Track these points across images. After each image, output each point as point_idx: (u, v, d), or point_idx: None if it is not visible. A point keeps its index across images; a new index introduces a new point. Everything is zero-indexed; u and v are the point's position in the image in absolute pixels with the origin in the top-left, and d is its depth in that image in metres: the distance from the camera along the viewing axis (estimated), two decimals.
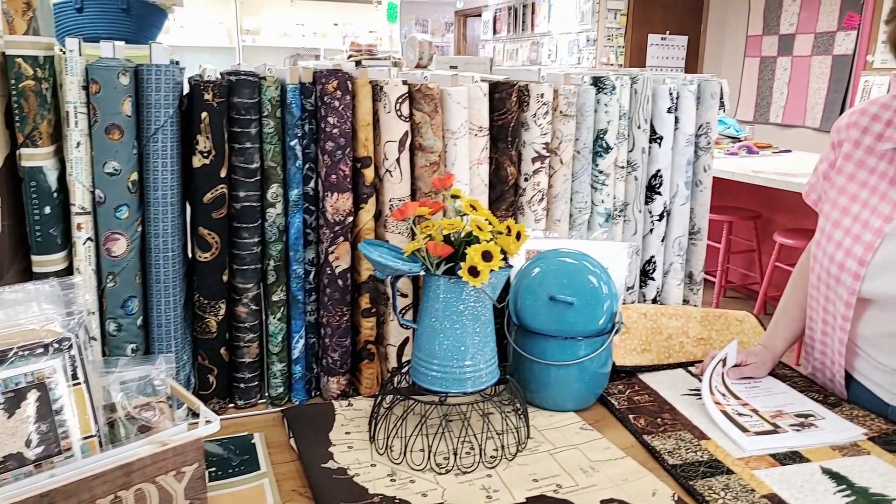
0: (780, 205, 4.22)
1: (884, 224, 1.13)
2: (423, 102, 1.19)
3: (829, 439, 1.11)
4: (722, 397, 1.25)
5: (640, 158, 1.44)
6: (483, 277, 1.02)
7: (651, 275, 1.52)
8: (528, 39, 7.96)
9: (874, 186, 1.17)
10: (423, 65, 2.57)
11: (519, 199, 1.36)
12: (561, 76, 1.33)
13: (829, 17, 6.17)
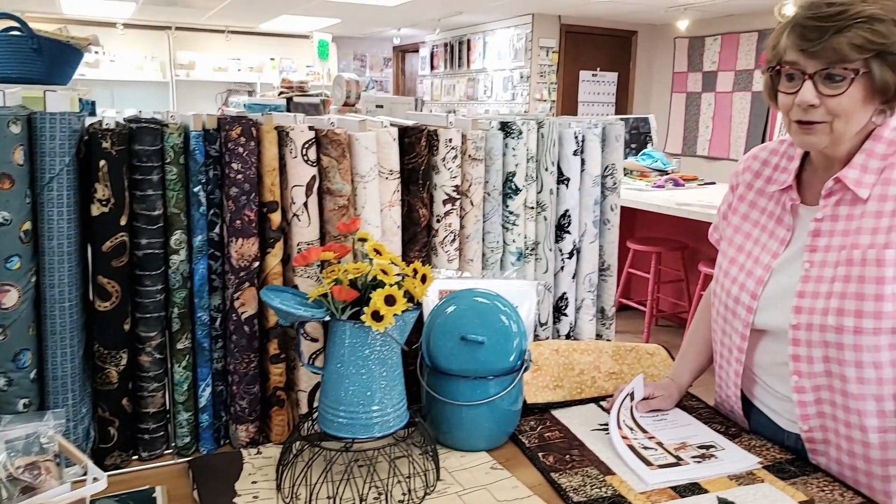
0: (704, 236, 4.36)
1: (772, 260, 1.21)
2: (331, 147, 1.20)
3: (726, 469, 1.15)
4: (630, 431, 1.28)
5: (549, 199, 1.49)
6: (387, 322, 1.03)
7: (564, 311, 1.56)
8: (465, 75, 8.11)
9: (764, 225, 1.25)
10: (350, 103, 2.59)
11: (432, 240, 1.38)
12: (469, 121, 1.37)
13: (747, 56, 6.51)
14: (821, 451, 1.20)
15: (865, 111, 1.06)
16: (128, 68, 7.20)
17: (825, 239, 1.13)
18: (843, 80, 1.02)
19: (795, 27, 1.05)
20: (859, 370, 1.08)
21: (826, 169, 1.16)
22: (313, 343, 1.25)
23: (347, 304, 1.07)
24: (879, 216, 1.07)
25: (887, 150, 1.09)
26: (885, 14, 1.01)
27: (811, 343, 1.13)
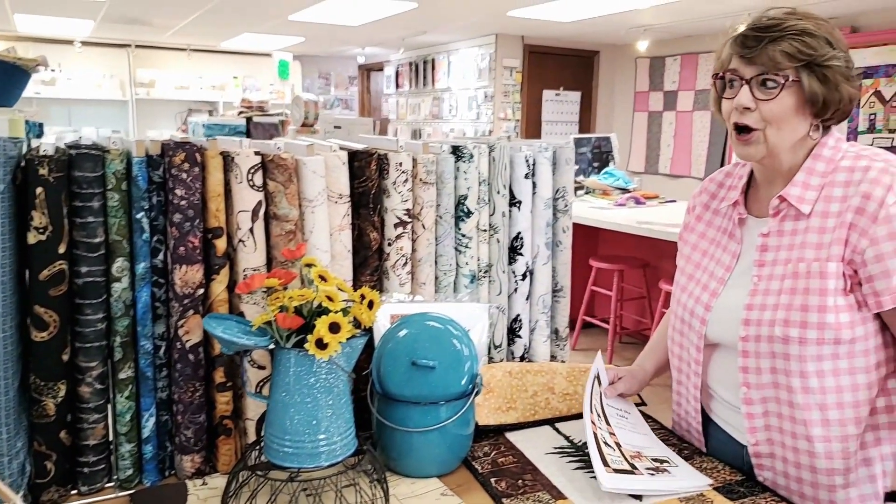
0: (665, 253, 4.43)
1: (725, 273, 1.25)
2: (277, 172, 1.19)
3: (679, 486, 1.16)
4: (597, 418, 1.28)
5: (501, 222, 1.49)
6: (331, 350, 1.01)
7: (518, 333, 1.56)
8: (430, 94, 8.15)
9: (717, 241, 1.31)
10: (308, 123, 2.58)
11: (383, 264, 1.37)
12: (420, 145, 1.37)
13: (706, 76, 6.65)
14: (767, 466, 1.22)
15: (798, 121, 1.13)
16: (86, 86, 7.08)
17: (772, 253, 1.18)
18: (776, 87, 1.10)
19: (738, 37, 1.14)
20: (804, 380, 1.12)
21: (770, 183, 1.22)
22: (261, 371, 1.23)
23: (292, 331, 1.05)
24: (822, 232, 1.12)
25: (826, 167, 1.14)
26: (817, 31, 1.10)
27: (759, 354, 1.17)
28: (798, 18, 1.11)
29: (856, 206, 1.09)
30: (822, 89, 1.10)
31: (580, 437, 1.38)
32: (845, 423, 1.13)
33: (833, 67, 1.10)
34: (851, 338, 1.10)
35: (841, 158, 1.14)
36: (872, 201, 1.07)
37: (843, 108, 1.14)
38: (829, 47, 1.10)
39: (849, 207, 1.09)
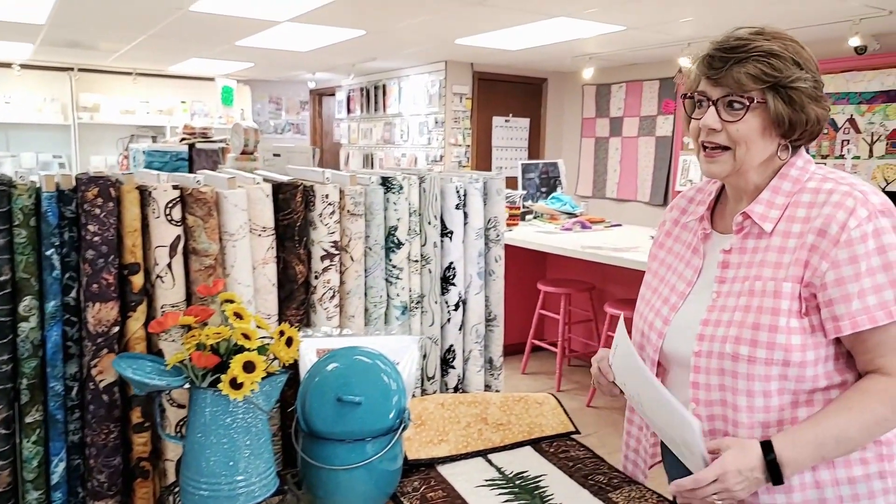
0: (610, 277, 4.49)
1: (687, 287, 1.24)
2: (196, 206, 1.17)
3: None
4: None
5: (433, 252, 1.49)
6: (246, 389, 0.99)
7: (451, 363, 1.55)
8: (381, 119, 8.16)
9: (682, 255, 1.30)
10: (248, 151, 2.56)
11: (310, 298, 1.35)
12: (347, 177, 1.36)
13: (651, 103, 6.82)
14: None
15: (764, 142, 1.12)
16: (26, 110, 6.89)
17: (732, 270, 1.17)
18: (742, 108, 1.10)
19: (705, 58, 1.14)
20: (750, 399, 1.11)
21: (737, 201, 1.22)
22: (181, 410, 1.19)
23: (208, 370, 1.03)
24: (783, 251, 1.11)
25: (792, 187, 1.14)
26: (783, 52, 1.10)
27: (710, 371, 1.15)
28: (765, 39, 1.10)
29: (818, 227, 1.08)
30: (788, 111, 1.10)
31: (512, 468, 1.37)
32: None
33: (799, 89, 1.10)
34: (801, 360, 1.08)
35: (807, 180, 1.14)
36: (835, 224, 1.06)
37: (810, 129, 1.13)
38: (796, 68, 1.10)
39: (811, 229, 1.09)
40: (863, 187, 1.09)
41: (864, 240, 1.05)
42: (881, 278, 1.04)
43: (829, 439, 1.06)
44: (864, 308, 1.04)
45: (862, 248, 1.05)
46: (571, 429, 1.56)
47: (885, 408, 1.06)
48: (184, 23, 4.99)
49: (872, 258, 1.05)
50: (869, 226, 1.05)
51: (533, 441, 1.49)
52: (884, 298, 1.04)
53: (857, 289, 1.04)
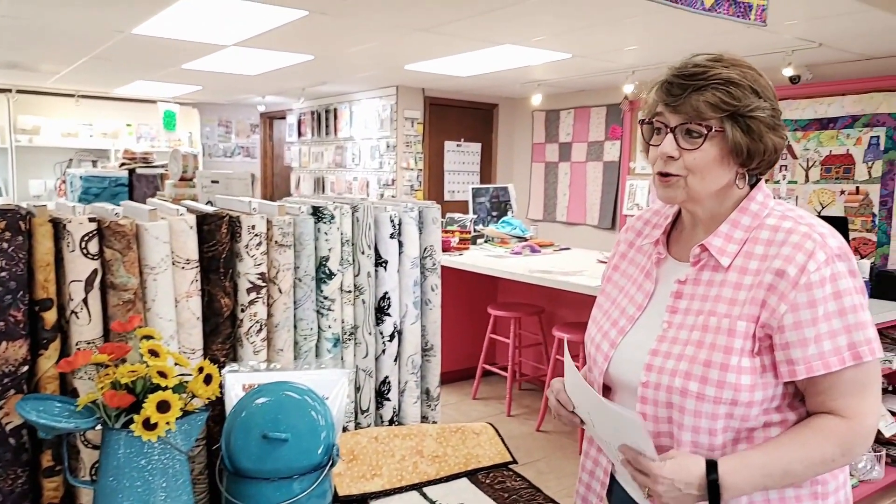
0: (559, 300, 4.53)
1: (636, 311, 1.22)
2: (114, 239, 1.13)
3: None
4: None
5: (367, 282, 1.47)
6: (160, 430, 0.95)
7: (387, 395, 1.53)
8: (333, 143, 8.13)
9: (635, 278, 1.28)
10: (187, 177, 2.51)
11: (237, 331, 1.32)
12: (276, 207, 1.34)
13: (598, 129, 6.95)
14: None
15: (721, 170, 1.11)
16: None
17: (686, 301, 1.16)
18: (700, 137, 1.09)
19: (664, 84, 1.13)
20: (695, 435, 1.10)
21: (692, 228, 1.21)
22: (96, 451, 1.14)
23: (122, 410, 0.99)
24: (738, 288, 1.10)
25: (752, 222, 1.13)
26: (742, 80, 1.09)
27: (657, 403, 1.13)
28: (724, 66, 1.10)
29: (776, 268, 1.06)
30: (746, 140, 1.09)
31: (447, 500, 1.35)
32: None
33: (757, 118, 1.09)
34: (749, 401, 1.07)
35: (767, 215, 1.13)
36: (794, 266, 1.05)
37: (768, 158, 1.13)
38: (755, 97, 1.09)
39: (769, 268, 1.07)
40: (821, 229, 1.09)
41: (822, 284, 1.04)
42: (836, 324, 1.04)
43: (777, 470, 1.06)
44: (819, 353, 1.04)
45: (820, 292, 1.04)
46: (509, 458, 1.55)
47: (835, 449, 1.07)
48: (127, 45, 4.90)
49: (829, 303, 1.05)
50: (827, 270, 1.05)
51: (469, 473, 1.48)
52: (837, 344, 1.04)
53: (813, 333, 1.04)
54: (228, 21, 4.11)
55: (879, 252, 4.85)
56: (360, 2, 3.63)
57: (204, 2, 3.61)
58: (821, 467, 1.08)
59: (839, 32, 4.10)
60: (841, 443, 1.06)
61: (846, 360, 1.04)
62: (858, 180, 4.97)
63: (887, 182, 4.82)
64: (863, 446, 1.08)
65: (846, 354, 1.04)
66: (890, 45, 4.41)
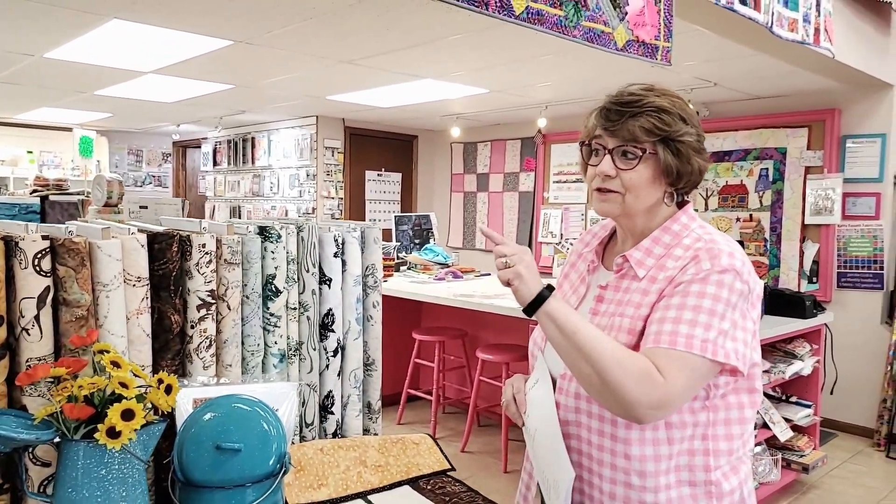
0: (482, 323, 4.65)
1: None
2: (68, 257, 1.15)
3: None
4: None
5: (312, 299, 1.53)
6: (124, 438, 0.98)
7: (330, 409, 1.58)
8: (250, 172, 8.06)
9: (573, 283, 1.41)
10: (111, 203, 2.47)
11: (186, 347, 1.34)
12: (224, 227, 1.38)
13: (514, 161, 7.22)
14: (586, 494, 1.26)
15: (654, 189, 1.24)
16: None
17: (605, 305, 1.28)
18: (635, 158, 1.21)
19: (602, 110, 1.25)
20: (601, 423, 1.22)
21: (623, 241, 1.33)
22: (45, 468, 1.14)
23: (81, 422, 1.00)
24: (645, 293, 1.21)
25: (672, 241, 1.25)
26: (672, 108, 1.22)
27: (569, 393, 1.25)
28: (656, 95, 1.22)
29: (682, 267, 1.18)
30: (676, 162, 1.21)
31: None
32: (629, 473, 1.19)
33: (685, 142, 1.21)
34: None
35: (685, 236, 1.24)
36: (696, 267, 1.17)
37: (693, 179, 1.25)
38: (683, 123, 1.21)
39: (676, 269, 1.19)
40: (722, 247, 1.19)
41: (701, 282, 1.16)
42: (689, 315, 1.14)
43: (589, 332, 1.13)
44: (671, 332, 1.13)
45: (696, 287, 1.16)
46: (447, 466, 1.62)
47: (636, 371, 1.11)
48: (37, 70, 4.75)
49: (694, 298, 1.15)
50: (714, 276, 1.16)
51: (411, 480, 1.54)
52: (684, 332, 1.13)
53: (674, 315, 1.15)
54: (149, 48, 4.08)
55: (771, 274, 5.24)
56: (286, 33, 3.69)
57: (127, 28, 3.58)
58: (616, 370, 1.10)
59: (731, 74, 4.48)
60: (642, 374, 1.10)
61: (678, 343, 1.12)
62: (751, 208, 5.38)
63: (776, 210, 5.24)
64: (652, 396, 1.11)
65: (682, 340, 1.12)
66: (774, 87, 4.85)
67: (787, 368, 3.53)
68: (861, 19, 4.08)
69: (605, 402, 1.16)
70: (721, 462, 1.23)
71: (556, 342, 1.17)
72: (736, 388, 1.24)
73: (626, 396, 1.10)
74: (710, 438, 1.22)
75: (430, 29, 3.54)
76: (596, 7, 2.11)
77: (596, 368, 1.12)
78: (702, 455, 1.22)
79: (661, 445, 1.20)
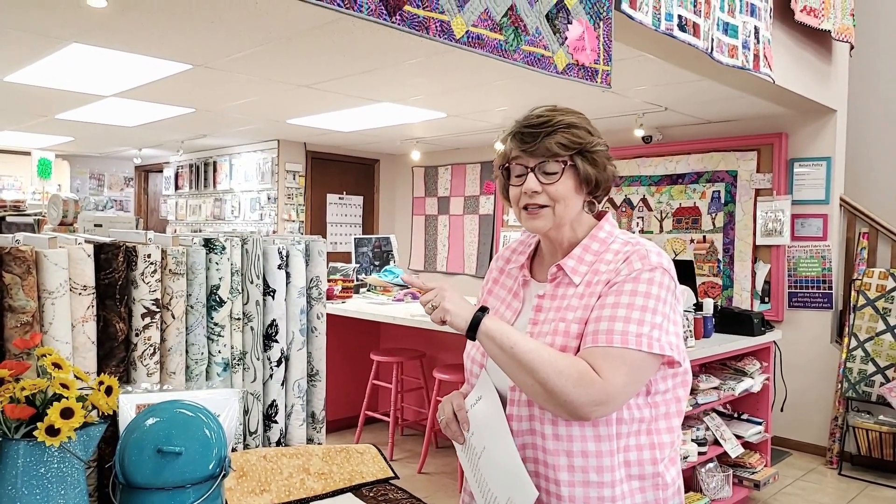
0: (440, 343, 4.71)
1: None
2: (14, 264, 1.20)
3: None
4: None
5: (256, 310, 1.58)
6: (63, 436, 1.02)
7: (274, 418, 1.62)
8: (211, 195, 8.06)
9: (504, 299, 1.47)
10: (67, 222, 2.50)
11: (131, 355, 1.39)
12: (170, 238, 1.44)
13: (474, 184, 7.34)
14: None
15: (577, 198, 1.34)
16: None
17: (544, 314, 1.35)
18: (556, 172, 1.32)
19: (516, 134, 1.36)
20: (555, 427, 1.28)
21: (552, 254, 1.42)
22: None
23: (22, 421, 1.05)
24: (581, 298, 1.31)
25: (600, 248, 1.36)
26: (580, 123, 1.35)
27: (521, 403, 1.31)
28: (562, 114, 1.34)
29: (615, 269, 1.29)
30: (594, 170, 1.33)
31: None
32: (587, 471, 1.26)
33: (598, 152, 1.34)
34: None
35: (612, 242, 1.35)
36: (628, 267, 1.28)
37: (608, 185, 1.38)
38: (591, 135, 1.34)
39: (609, 272, 1.29)
40: (648, 247, 1.32)
41: (632, 281, 1.27)
42: (623, 312, 1.25)
43: (527, 346, 1.22)
44: (607, 331, 1.23)
45: (629, 286, 1.26)
46: (391, 474, 1.68)
47: (573, 375, 1.19)
48: None
49: (627, 297, 1.26)
50: (637, 273, 1.28)
51: (353, 488, 1.59)
52: (618, 329, 1.23)
53: (608, 313, 1.25)
54: (110, 72, 4.11)
55: (725, 294, 5.40)
56: (244, 57, 3.76)
57: (87, 52, 3.61)
58: (555, 376, 1.19)
59: (680, 98, 4.67)
60: (580, 376, 1.19)
61: (614, 341, 1.22)
62: (705, 230, 5.55)
63: (728, 231, 5.42)
64: (592, 395, 1.19)
65: (618, 337, 1.22)
66: (723, 111, 5.05)
67: (736, 385, 3.59)
68: (802, 47, 4.29)
69: (550, 407, 1.25)
70: (665, 454, 1.33)
71: (497, 358, 1.26)
72: (674, 384, 1.34)
73: (567, 399, 1.20)
74: (654, 433, 1.32)
75: (383, 54, 3.65)
76: (536, 31, 2.23)
77: (537, 378, 1.21)
78: (648, 449, 1.31)
79: (612, 441, 1.28)
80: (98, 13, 2.92)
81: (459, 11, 1.95)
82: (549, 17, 2.26)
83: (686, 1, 2.83)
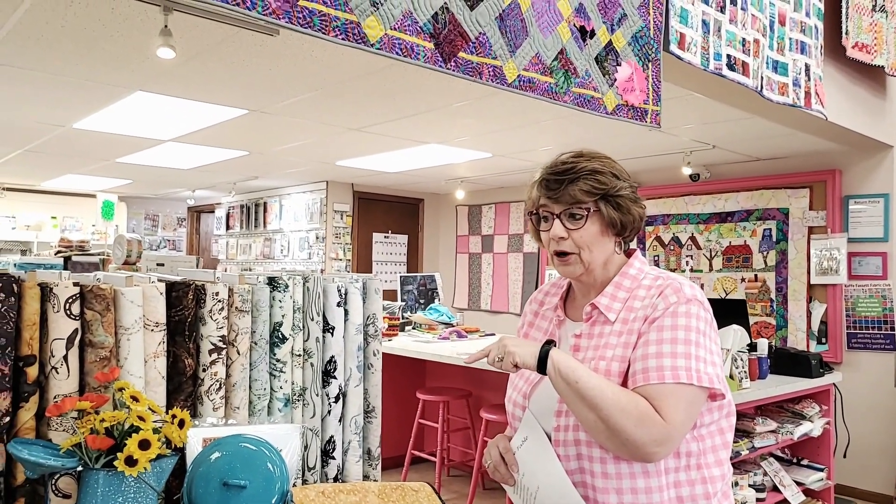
0: (486, 383, 4.69)
1: None
2: (95, 301, 1.27)
3: None
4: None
5: (315, 346, 1.62)
6: (140, 466, 1.07)
7: (331, 454, 1.65)
8: (262, 235, 8.25)
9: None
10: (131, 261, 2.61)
11: (198, 390, 1.44)
12: (236, 277, 1.50)
13: (517, 222, 7.37)
14: None
15: (605, 242, 1.37)
16: None
17: (582, 353, 1.38)
18: (581, 218, 1.36)
19: (542, 181, 1.40)
20: (604, 465, 1.29)
21: (584, 294, 1.45)
22: (66, 500, 1.22)
23: (102, 452, 1.10)
24: (620, 335, 1.33)
25: (632, 284, 1.39)
26: (603, 168, 1.38)
27: (567, 443, 1.32)
28: (587, 160, 1.37)
29: (651, 304, 1.31)
30: (618, 214, 1.36)
31: None
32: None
33: (622, 196, 1.36)
34: None
35: (643, 278, 1.38)
36: (664, 301, 1.30)
37: (635, 226, 1.40)
38: (616, 179, 1.37)
39: (641, 317, 1.31)
40: (681, 281, 1.34)
41: (671, 316, 1.29)
42: (667, 348, 1.26)
43: (592, 381, 1.24)
44: (657, 367, 1.25)
45: (668, 321, 1.29)
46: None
47: (636, 414, 1.21)
48: (65, 139, 5.00)
49: (668, 331, 1.28)
50: (674, 307, 1.30)
51: None
52: (667, 364, 1.25)
53: (654, 350, 1.27)
54: (169, 117, 4.30)
55: (779, 335, 5.26)
56: (297, 103, 3.90)
57: (149, 99, 3.80)
58: (618, 414, 1.21)
59: (729, 136, 4.65)
60: (643, 416, 1.21)
61: (666, 377, 1.24)
62: (756, 268, 5.44)
63: (781, 270, 5.30)
64: (654, 434, 1.21)
65: (668, 373, 1.24)
66: (773, 148, 4.99)
67: (795, 429, 3.48)
68: (855, 83, 4.23)
69: (612, 446, 1.26)
70: (717, 488, 1.33)
71: (562, 391, 1.28)
72: (719, 416, 1.35)
73: (628, 438, 1.22)
74: (703, 467, 1.32)
75: (432, 97, 3.74)
76: (586, 74, 2.27)
77: (600, 415, 1.23)
78: (700, 484, 1.31)
79: (661, 476, 1.29)
80: (165, 63, 3.08)
81: (511, 56, 2.01)
82: (599, 59, 2.30)
83: (735, 41, 2.84)
